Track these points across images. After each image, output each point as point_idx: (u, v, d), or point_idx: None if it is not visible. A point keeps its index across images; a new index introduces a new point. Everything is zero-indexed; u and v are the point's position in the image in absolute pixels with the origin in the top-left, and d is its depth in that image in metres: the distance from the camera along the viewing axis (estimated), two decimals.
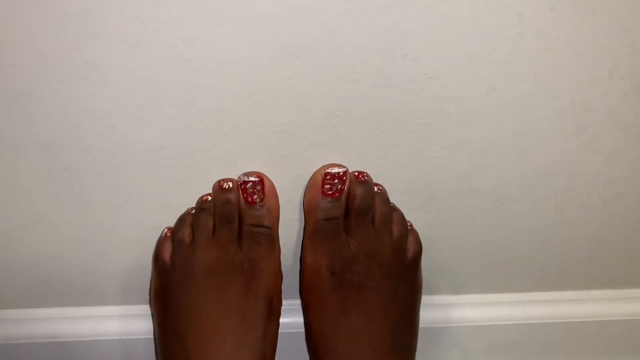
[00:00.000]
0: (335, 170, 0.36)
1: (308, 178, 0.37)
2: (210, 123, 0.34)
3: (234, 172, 0.36)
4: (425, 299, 0.40)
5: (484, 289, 0.46)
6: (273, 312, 0.37)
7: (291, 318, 0.42)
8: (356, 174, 0.36)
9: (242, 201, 0.35)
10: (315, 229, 0.36)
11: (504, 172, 0.38)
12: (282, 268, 0.38)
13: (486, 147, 0.37)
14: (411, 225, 0.39)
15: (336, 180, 0.35)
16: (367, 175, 0.37)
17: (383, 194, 0.37)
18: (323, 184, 0.36)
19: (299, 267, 0.40)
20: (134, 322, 0.42)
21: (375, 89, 0.33)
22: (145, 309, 0.42)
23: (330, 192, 0.36)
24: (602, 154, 0.38)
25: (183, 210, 0.37)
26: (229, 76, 0.32)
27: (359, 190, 0.36)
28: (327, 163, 0.36)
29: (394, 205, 0.38)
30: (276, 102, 0.33)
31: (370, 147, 0.36)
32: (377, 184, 0.37)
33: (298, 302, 0.42)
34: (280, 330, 0.39)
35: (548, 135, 0.37)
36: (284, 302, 0.41)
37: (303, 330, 0.40)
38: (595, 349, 0.49)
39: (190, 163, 0.35)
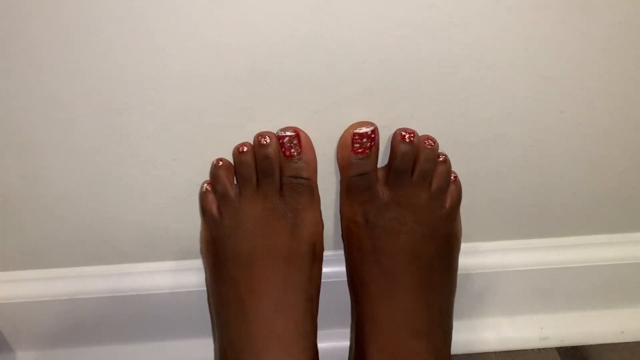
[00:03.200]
0: (363, 130, 0.37)
1: (340, 132, 0.39)
2: (247, 82, 0.36)
3: (271, 129, 0.38)
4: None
5: (516, 235, 0.47)
6: (316, 257, 0.39)
7: (335, 267, 0.45)
8: (403, 133, 0.37)
9: (281, 155, 0.38)
10: (349, 184, 0.39)
11: (533, 118, 0.39)
12: (324, 218, 0.41)
13: (514, 93, 0.37)
14: (455, 177, 0.40)
15: (364, 139, 0.37)
16: (414, 136, 0.37)
17: (433, 151, 0.38)
18: (352, 143, 0.37)
19: (339, 217, 0.42)
20: (185, 276, 0.45)
21: (402, 40, 0.34)
22: (193, 264, 0.45)
23: (360, 150, 0.37)
24: (633, 97, 0.38)
25: None
26: (261, 35, 0.34)
27: (401, 150, 0.37)
28: (357, 118, 0.38)
29: (444, 157, 0.39)
30: (307, 58, 0.35)
31: (400, 98, 0.37)
32: (430, 138, 0.38)
33: (336, 252, 0.45)
34: (325, 279, 0.41)
35: (575, 78, 0.37)
36: (328, 252, 0.43)
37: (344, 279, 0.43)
38: (632, 291, 0.49)
39: (231, 122, 0.38)
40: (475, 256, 0.47)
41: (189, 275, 0.45)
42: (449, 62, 0.36)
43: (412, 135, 0.37)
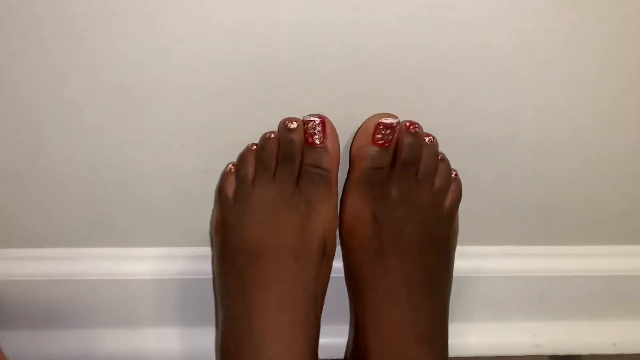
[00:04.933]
0: (389, 120, 0.36)
1: (349, 126, 0.38)
2: (260, 71, 0.36)
3: (280, 119, 0.38)
4: (459, 250, 0.41)
5: (516, 241, 0.47)
6: (326, 255, 0.38)
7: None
8: (407, 124, 0.36)
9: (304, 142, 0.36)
10: (362, 175, 0.37)
11: (542, 124, 0.39)
12: None
13: (524, 98, 0.38)
14: (456, 175, 0.39)
15: (388, 131, 0.36)
16: (419, 127, 0.37)
17: (432, 146, 0.38)
18: (375, 132, 0.36)
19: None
20: (186, 262, 0.45)
21: (417, 39, 0.34)
22: (196, 250, 0.45)
23: (381, 142, 0.36)
24: None
25: (233, 155, 0.39)
26: (279, 24, 0.34)
27: (407, 141, 0.36)
28: (368, 114, 0.38)
29: (442, 155, 0.39)
30: (322, 51, 0.35)
31: (410, 97, 0.37)
32: (428, 135, 0.38)
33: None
34: None
35: (586, 86, 0.37)
36: None
37: (341, 275, 0.42)
38: (628, 304, 0.50)
39: (241, 110, 0.37)
40: (474, 260, 0.47)
41: (191, 262, 0.45)
42: (463, 63, 0.36)
43: (416, 126, 0.37)
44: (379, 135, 0.36)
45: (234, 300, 0.37)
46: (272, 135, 0.37)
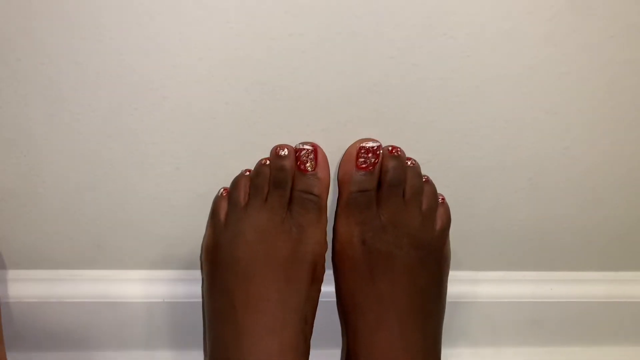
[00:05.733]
0: (370, 144, 0.37)
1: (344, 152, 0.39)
2: (257, 96, 0.36)
3: (276, 144, 0.38)
4: (453, 274, 0.41)
5: (512, 267, 0.47)
6: (316, 277, 0.39)
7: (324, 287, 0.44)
8: (390, 148, 0.38)
9: (296, 169, 0.37)
10: (349, 200, 0.38)
11: (537, 151, 0.39)
12: None
13: (520, 126, 0.38)
14: (443, 199, 0.40)
15: (370, 154, 0.37)
16: (400, 150, 0.38)
17: (415, 168, 0.39)
18: (357, 157, 0.37)
19: (331, 236, 0.42)
20: (178, 285, 0.45)
21: (414, 67, 0.35)
22: (188, 274, 0.44)
23: (364, 166, 0.37)
24: (636, 135, 0.39)
25: (228, 179, 0.39)
26: (277, 51, 0.34)
27: (391, 164, 0.37)
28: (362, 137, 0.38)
29: (426, 178, 0.39)
30: (319, 77, 0.35)
31: (407, 123, 0.37)
32: (410, 158, 0.39)
33: (329, 272, 0.44)
34: None
35: (580, 115, 0.38)
36: None
37: (334, 299, 0.42)
38: (622, 330, 0.50)
39: (238, 135, 0.37)
40: (468, 285, 0.47)
41: (183, 286, 0.45)
42: (459, 91, 0.36)
43: (398, 150, 0.38)
44: (362, 159, 0.37)
45: (224, 323, 0.37)
46: (268, 162, 0.38)
